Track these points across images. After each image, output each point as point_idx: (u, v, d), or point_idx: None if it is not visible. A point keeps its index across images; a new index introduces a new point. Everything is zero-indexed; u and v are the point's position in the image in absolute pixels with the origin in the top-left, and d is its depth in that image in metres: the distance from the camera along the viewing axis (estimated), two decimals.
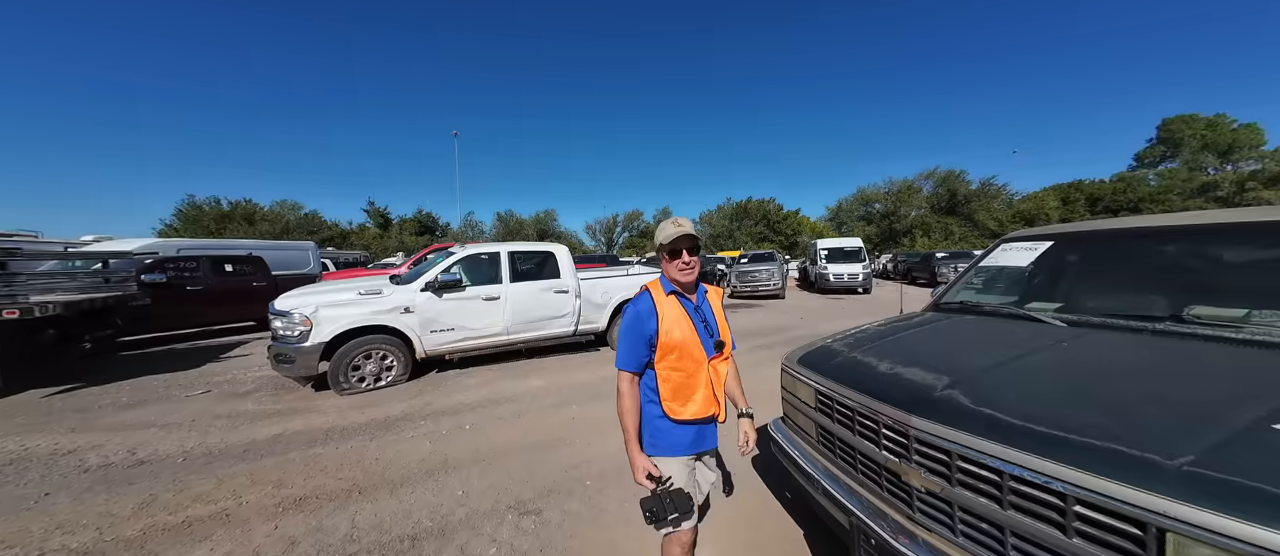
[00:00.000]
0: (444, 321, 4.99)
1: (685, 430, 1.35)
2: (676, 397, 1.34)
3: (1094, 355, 1.47)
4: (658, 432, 1.35)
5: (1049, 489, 1.02)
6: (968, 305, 2.24)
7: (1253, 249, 1.78)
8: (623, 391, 1.34)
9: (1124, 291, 1.93)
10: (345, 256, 17.63)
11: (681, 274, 1.36)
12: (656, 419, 1.36)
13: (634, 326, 1.34)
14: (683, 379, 1.33)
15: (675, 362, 1.33)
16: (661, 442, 1.35)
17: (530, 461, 2.95)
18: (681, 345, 1.32)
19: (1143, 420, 1.06)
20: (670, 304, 1.37)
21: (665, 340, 1.32)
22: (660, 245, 1.37)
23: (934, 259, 16.59)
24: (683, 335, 1.33)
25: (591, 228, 47.70)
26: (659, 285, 1.42)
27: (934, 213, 35.37)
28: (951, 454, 1.20)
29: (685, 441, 1.36)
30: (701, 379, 1.35)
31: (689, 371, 1.33)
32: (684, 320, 1.35)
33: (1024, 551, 1.07)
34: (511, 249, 5.62)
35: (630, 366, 1.34)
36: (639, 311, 1.35)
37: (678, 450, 1.35)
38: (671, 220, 1.37)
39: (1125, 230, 2.13)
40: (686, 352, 1.33)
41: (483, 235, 38.69)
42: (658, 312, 1.34)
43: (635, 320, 1.34)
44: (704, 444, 1.41)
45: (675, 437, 1.35)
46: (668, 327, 1.32)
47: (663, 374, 1.34)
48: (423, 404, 4.15)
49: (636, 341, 1.34)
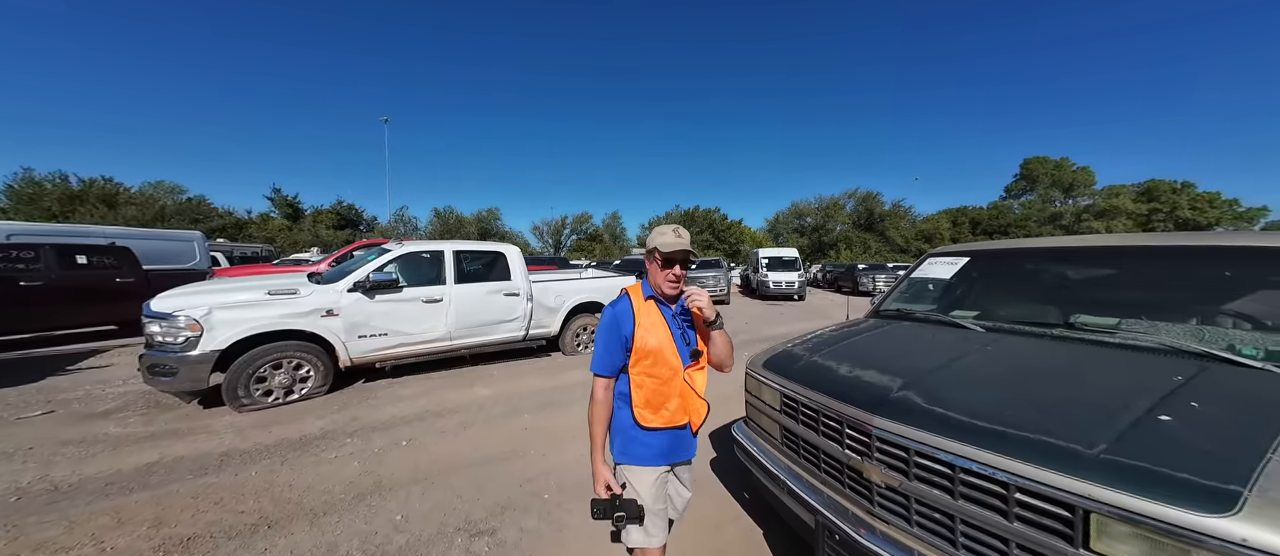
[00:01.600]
0: (375, 325, 4.48)
1: (658, 438, 1.32)
2: (649, 405, 1.30)
3: (1012, 357, 1.69)
4: (630, 440, 1.32)
5: (994, 479, 1.13)
6: (904, 313, 2.49)
7: (1116, 269, 2.18)
8: (596, 396, 1.32)
9: (1026, 302, 2.26)
10: (243, 250, 15.22)
11: (669, 285, 1.34)
12: (628, 427, 1.32)
13: (610, 328, 1.32)
14: (656, 385, 1.30)
15: (649, 368, 1.30)
16: (633, 450, 1.31)
17: (480, 477, 2.72)
18: (656, 351, 1.29)
19: (1063, 415, 1.23)
20: (649, 309, 1.34)
21: (640, 344, 1.29)
22: (654, 249, 1.32)
23: (856, 269, 18.37)
24: (658, 341, 1.30)
25: (538, 229, 46.30)
26: (639, 289, 1.40)
27: (855, 228, 39.49)
28: (909, 450, 1.30)
29: (658, 450, 1.32)
30: (675, 387, 1.32)
31: (663, 378, 1.30)
32: (660, 326, 1.33)
33: (970, 536, 1.18)
34: (458, 248, 5.22)
35: (604, 369, 1.32)
36: (616, 313, 1.33)
37: (649, 459, 1.31)
38: (672, 228, 1.34)
39: (1024, 250, 2.51)
40: (661, 359, 1.30)
41: (416, 232, 35.63)
42: (635, 316, 1.31)
43: (612, 322, 1.32)
44: (678, 454, 1.37)
45: (647, 446, 1.31)
46: (644, 332, 1.30)
47: (636, 379, 1.31)
48: (348, 418, 3.67)
49: (612, 344, 1.31)
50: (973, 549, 1.17)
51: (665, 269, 1.31)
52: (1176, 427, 1.10)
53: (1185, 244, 2.07)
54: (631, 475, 1.31)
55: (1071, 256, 2.38)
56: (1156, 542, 0.90)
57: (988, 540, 1.14)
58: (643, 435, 1.31)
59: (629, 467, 1.31)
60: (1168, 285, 1.97)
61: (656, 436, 1.31)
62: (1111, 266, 2.22)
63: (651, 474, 1.31)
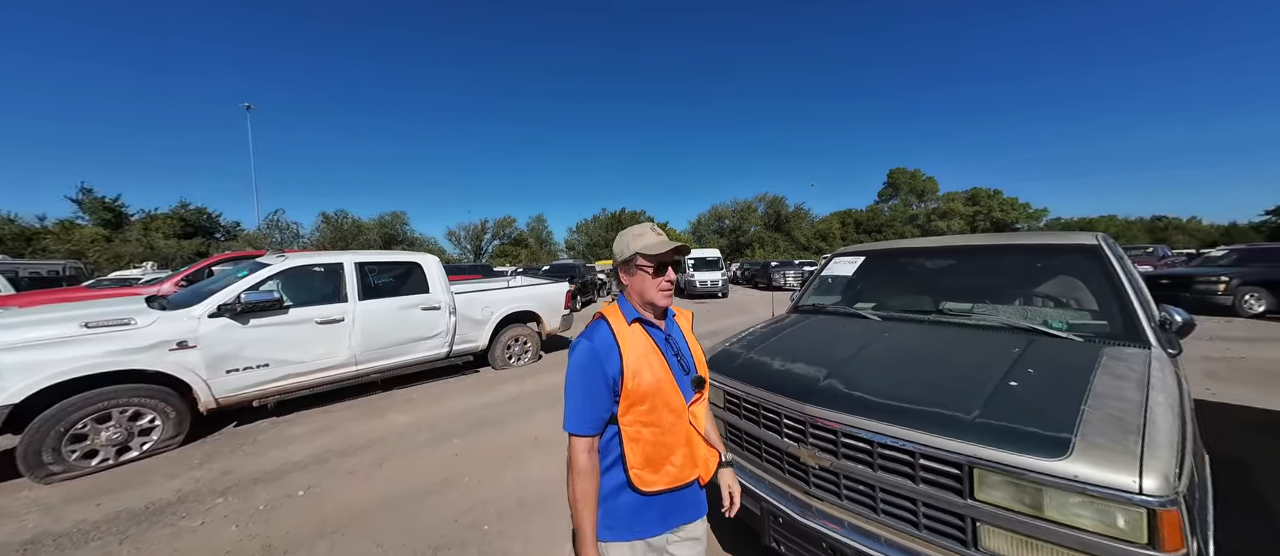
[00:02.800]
0: (250, 356, 3.72)
1: (654, 504, 1.03)
2: (649, 464, 1.01)
3: (904, 342, 2.01)
4: (614, 512, 1.00)
5: (904, 450, 1.33)
6: (819, 307, 2.80)
7: (963, 263, 2.72)
8: (578, 466, 0.97)
9: (908, 293, 2.71)
10: (37, 269, 11.52)
11: (662, 296, 1.06)
12: (616, 493, 1.01)
13: (588, 369, 0.98)
14: (657, 436, 1.01)
15: (645, 416, 1.00)
16: (619, 524, 1.00)
17: (405, 517, 2.42)
18: (654, 391, 1.00)
19: (946, 388, 1.49)
20: (635, 335, 1.04)
21: (632, 385, 0.99)
22: (634, 256, 1.04)
23: (770, 267, 20.29)
24: (655, 378, 1.01)
25: (454, 234, 42.63)
26: (617, 312, 1.08)
27: (766, 229, 43.54)
28: (837, 432, 1.47)
29: (652, 518, 1.03)
30: (680, 434, 1.04)
31: (665, 426, 1.01)
32: (654, 356, 1.04)
33: (887, 500, 1.38)
34: (360, 259, 4.57)
35: (588, 427, 0.98)
36: (594, 347, 0.99)
37: (641, 532, 1.02)
38: (649, 226, 1.09)
39: (901, 249, 2.99)
40: (661, 400, 1.01)
41: (298, 241, 30.02)
42: (620, 348, 1.01)
43: (589, 360, 0.99)
44: (676, 518, 1.07)
45: (640, 516, 1.02)
46: (635, 368, 0.99)
47: (630, 432, 1.00)
48: (216, 473, 2.99)
49: (594, 389, 0.98)
50: (890, 511, 1.36)
51: (658, 276, 1.05)
52: (1021, 391, 1.41)
53: (1004, 242, 2.69)
54: (612, 553, 1.01)
55: (932, 254, 2.91)
56: (1019, 486, 1.14)
57: (901, 502, 1.34)
58: (637, 503, 1.01)
59: (614, 545, 1.00)
60: (998, 274, 2.51)
61: (652, 502, 1.03)
62: (959, 261, 2.77)
63: (644, 552, 1.03)
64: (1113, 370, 1.48)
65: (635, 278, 1.07)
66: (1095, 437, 1.13)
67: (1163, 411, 1.23)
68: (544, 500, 2.54)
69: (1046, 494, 1.10)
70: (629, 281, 1.09)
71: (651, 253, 1.03)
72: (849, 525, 1.42)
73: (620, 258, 1.09)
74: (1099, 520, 1.05)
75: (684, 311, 1.24)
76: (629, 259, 1.06)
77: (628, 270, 1.08)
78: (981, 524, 1.19)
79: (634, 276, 1.07)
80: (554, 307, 6.16)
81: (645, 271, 1.05)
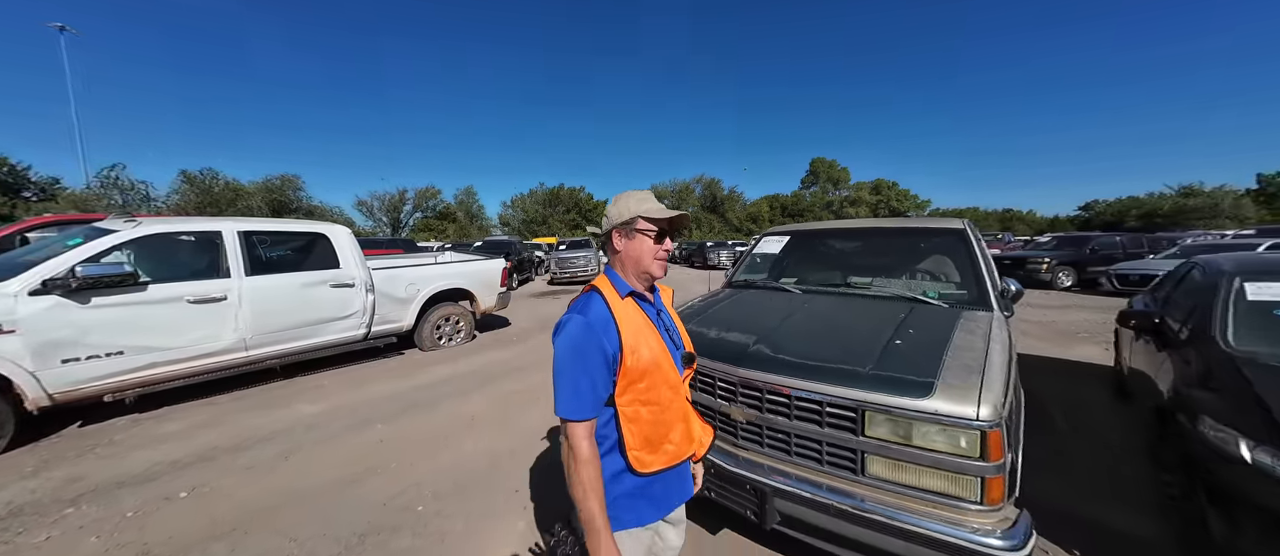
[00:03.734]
0: (96, 342, 3.07)
1: (653, 485, 0.99)
2: (648, 444, 0.96)
3: (819, 311, 2.29)
4: (616, 498, 0.95)
5: (813, 400, 1.55)
6: (750, 283, 3.05)
7: (865, 244, 3.15)
8: (581, 454, 0.88)
9: (824, 269, 3.07)
10: None
11: (658, 265, 1.03)
12: (615, 480, 0.95)
13: (585, 347, 0.90)
14: (656, 414, 0.96)
15: (644, 394, 0.95)
16: (621, 510, 0.95)
17: (322, 508, 2.23)
18: (652, 368, 0.95)
19: (849, 348, 1.75)
20: (629, 309, 0.98)
21: (631, 362, 0.93)
22: (633, 219, 0.99)
23: (705, 247, 21.33)
24: (653, 353, 0.96)
25: (366, 204, 37.73)
26: (608, 284, 1.01)
27: (703, 210, 45.20)
28: (763, 390, 1.66)
29: (653, 501, 1.00)
30: (677, 411, 1.01)
31: (664, 402, 0.97)
32: (650, 332, 0.99)
33: (800, 444, 1.60)
34: (246, 228, 3.92)
35: (588, 411, 0.89)
36: (590, 322, 0.91)
37: (644, 518, 0.99)
38: (650, 192, 1.04)
39: (819, 230, 3.37)
40: (660, 377, 0.97)
41: (149, 205, 23.71)
42: (617, 323, 0.94)
43: (586, 336, 0.90)
44: (675, 498, 1.05)
45: (645, 499, 0.98)
46: (633, 345, 0.93)
47: (628, 412, 0.95)
48: (60, 481, 2.48)
49: (594, 368, 0.90)
50: (801, 452, 1.59)
51: (658, 242, 1.01)
52: (902, 348, 1.71)
53: (897, 226, 3.16)
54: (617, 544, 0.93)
55: (842, 235, 3.36)
56: (895, 421, 1.41)
57: (810, 444, 1.57)
58: (636, 485, 0.97)
59: (617, 536, 0.94)
60: (892, 253, 2.95)
61: (651, 483, 0.99)
62: (864, 242, 3.21)
63: (645, 538, 1.01)
64: (966, 328, 1.85)
65: (634, 242, 1.01)
66: (950, 380, 1.43)
67: (997, 359, 1.58)
68: (486, 479, 2.50)
69: (915, 426, 1.38)
70: (625, 247, 1.02)
71: (656, 216, 0.99)
72: (768, 467, 1.63)
73: (618, 220, 1.01)
74: (948, 442, 1.34)
75: (665, 287, 1.21)
76: (629, 221, 1.00)
77: (626, 233, 1.01)
78: (868, 454, 1.46)
79: (632, 240, 1.01)
80: (489, 285, 5.87)
81: (647, 236, 1.00)
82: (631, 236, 1.01)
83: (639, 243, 1.01)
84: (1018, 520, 1.32)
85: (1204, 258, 2.85)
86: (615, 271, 1.05)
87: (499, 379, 4.17)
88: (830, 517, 1.45)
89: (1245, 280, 2.19)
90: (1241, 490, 1.48)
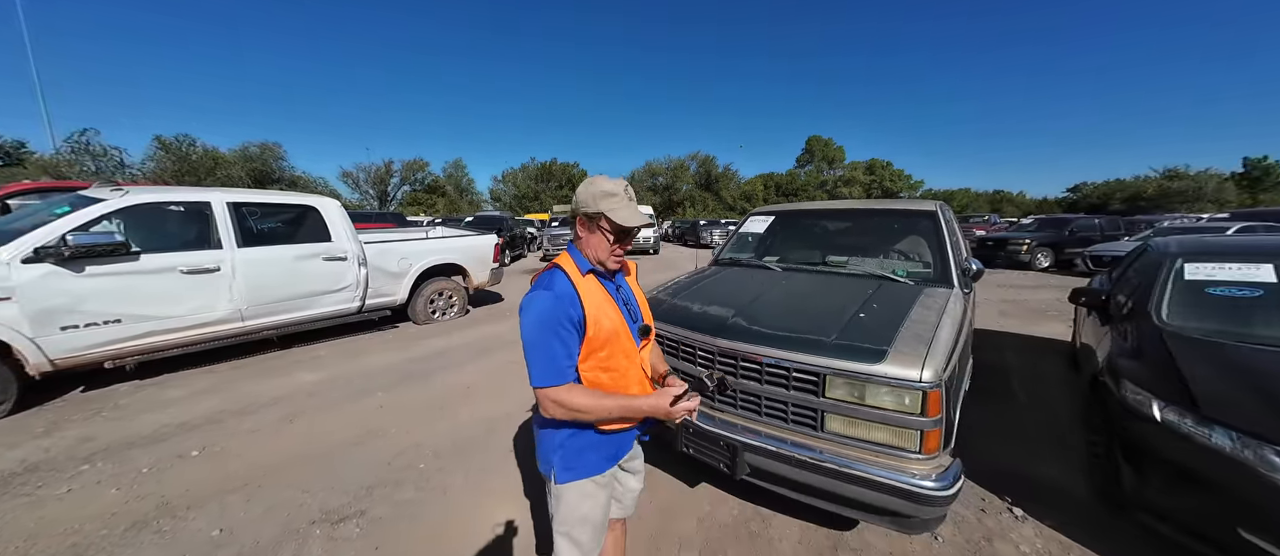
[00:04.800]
0: (93, 309, 3.13)
1: (608, 442, 1.12)
2: None
3: (796, 287, 2.44)
4: (577, 452, 1.08)
5: (782, 366, 1.71)
6: (735, 261, 3.19)
7: (847, 224, 3.27)
8: (575, 404, 0.99)
9: (804, 248, 3.20)
10: None
11: (614, 261, 1.12)
12: (575, 435, 1.07)
13: (553, 318, 1.00)
14: (614, 379, 1.07)
15: (604, 360, 1.06)
16: (580, 464, 1.08)
17: (329, 466, 2.39)
18: (611, 337, 1.05)
19: (817, 321, 1.90)
20: (590, 285, 1.08)
21: (593, 332, 1.03)
22: (599, 215, 1.05)
23: (698, 225, 21.33)
24: (612, 324, 1.06)
25: (351, 176, 36.73)
26: (570, 261, 1.10)
27: (697, 187, 44.84)
28: (738, 358, 1.81)
29: (609, 454, 1.13)
30: (633, 376, 1.11)
31: (620, 369, 1.08)
32: (609, 304, 1.09)
33: (768, 405, 1.77)
34: (234, 198, 3.91)
35: (561, 376, 0.99)
36: (557, 295, 1.01)
37: (599, 467, 1.11)
38: (623, 186, 1.08)
39: (802, 211, 3.50)
40: (618, 346, 1.07)
41: (124, 172, 22.81)
42: (580, 296, 1.04)
43: (553, 307, 1.00)
44: (626, 446, 1.19)
45: (599, 453, 1.11)
46: (594, 316, 1.03)
47: (589, 377, 1.05)
48: (73, 441, 2.60)
49: (565, 336, 1.00)
50: (769, 412, 1.77)
51: (616, 243, 1.09)
52: (866, 320, 1.87)
53: (875, 207, 3.30)
54: (575, 494, 1.09)
55: (823, 216, 3.50)
56: (852, 384, 1.58)
57: (777, 405, 1.75)
58: (596, 441, 1.09)
59: (574, 484, 1.08)
60: (870, 233, 3.09)
61: (609, 440, 1.11)
62: (843, 222, 3.34)
63: (596, 485, 1.11)
64: (925, 304, 2.01)
65: (594, 236, 1.09)
66: (902, 348, 1.60)
67: (947, 330, 1.75)
68: (483, 441, 2.67)
69: (867, 388, 1.55)
70: (586, 235, 1.10)
71: (619, 222, 1.04)
72: (740, 426, 1.81)
73: (584, 209, 1.08)
74: (895, 401, 1.52)
75: (629, 263, 1.27)
76: (594, 214, 1.06)
77: (588, 225, 1.09)
78: (827, 413, 1.63)
79: (593, 234, 1.09)
80: (481, 261, 5.93)
81: (605, 234, 1.07)
82: (593, 230, 1.09)
83: (599, 238, 1.08)
84: (950, 466, 1.52)
85: (1158, 240, 3.03)
86: (577, 249, 1.13)
87: (493, 351, 4.32)
88: (792, 468, 1.64)
89: (1186, 261, 2.37)
90: (1150, 445, 1.69)
